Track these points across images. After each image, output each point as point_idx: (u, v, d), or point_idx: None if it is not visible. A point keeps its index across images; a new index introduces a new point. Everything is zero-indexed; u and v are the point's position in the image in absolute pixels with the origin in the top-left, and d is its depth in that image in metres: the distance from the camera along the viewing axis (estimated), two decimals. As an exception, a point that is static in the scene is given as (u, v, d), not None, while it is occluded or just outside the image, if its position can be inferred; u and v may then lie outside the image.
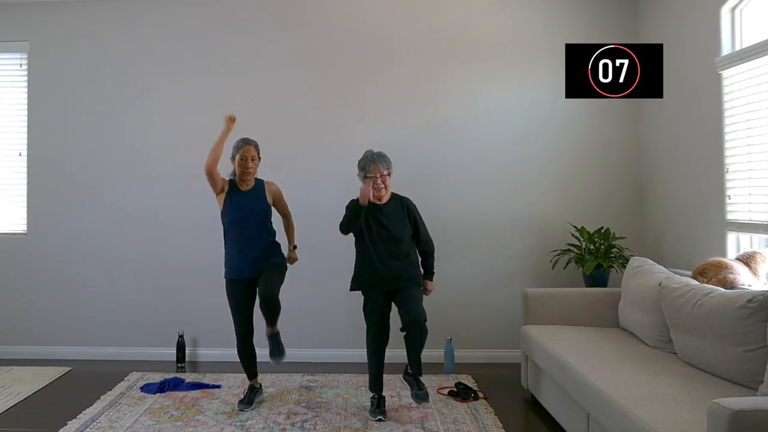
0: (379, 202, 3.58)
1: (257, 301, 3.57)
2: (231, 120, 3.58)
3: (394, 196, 3.65)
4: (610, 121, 4.71)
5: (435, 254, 3.72)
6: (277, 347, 3.55)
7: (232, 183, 3.64)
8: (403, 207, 3.62)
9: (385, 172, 3.55)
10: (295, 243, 3.82)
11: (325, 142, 4.73)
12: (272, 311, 3.50)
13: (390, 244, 3.52)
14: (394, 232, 3.53)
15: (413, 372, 3.50)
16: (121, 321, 4.76)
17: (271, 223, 3.68)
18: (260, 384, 3.79)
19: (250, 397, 3.67)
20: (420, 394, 3.45)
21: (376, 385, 3.55)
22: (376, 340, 3.52)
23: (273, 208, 3.71)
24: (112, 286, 4.78)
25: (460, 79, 4.73)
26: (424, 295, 3.62)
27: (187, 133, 4.77)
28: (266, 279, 3.52)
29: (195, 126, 4.76)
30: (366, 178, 3.55)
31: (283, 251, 3.71)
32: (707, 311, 2.74)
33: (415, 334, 3.39)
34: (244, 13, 4.80)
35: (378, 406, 3.51)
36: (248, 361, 3.69)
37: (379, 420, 3.43)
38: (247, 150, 3.58)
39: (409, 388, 3.56)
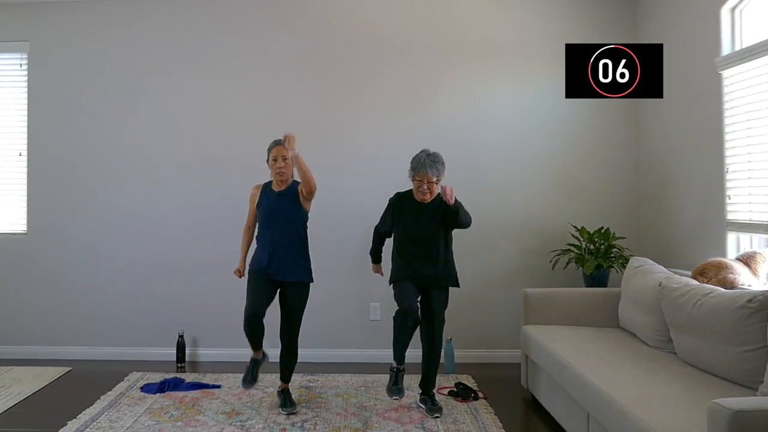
0: (422, 202, 3.58)
1: (272, 304, 3.58)
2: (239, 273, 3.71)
3: (438, 196, 3.57)
4: (610, 121, 4.71)
5: (465, 221, 3.52)
6: (288, 400, 3.60)
7: (267, 184, 3.66)
8: (442, 206, 3.56)
9: (434, 179, 3.49)
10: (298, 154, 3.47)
11: (325, 141, 4.73)
12: (291, 360, 3.62)
13: (425, 244, 3.53)
14: (429, 232, 3.54)
15: (427, 389, 3.60)
16: (121, 321, 4.76)
17: (305, 228, 3.63)
18: (264, 353, 3.62)
19: (254, 373, 3.55)
20: (434, 409, 3.53)
21: (399, 358, 3.47)
22: (409, 315, 3.37)
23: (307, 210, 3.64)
24: (112, 286, 4.78)
25: (460, 79, 4.73)
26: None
27: (187, 133, 4.78)
28: (290, 322, 3.56)
29: (195, 126, 4.77)
30: (414, 179, 3.53)
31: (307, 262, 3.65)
32: (707, 311, 2.74)
33: (434, 354, 3.59)
34: (244, 14, 4.80)
35: (395, 383, 3.44)
36: (254, 335, 3.48)
37: (395, 399, 3.47)
38: (278, 150, 3.57)
39: (422, 405, 3.60)
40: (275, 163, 3.57)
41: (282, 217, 3.56)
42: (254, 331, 3.46)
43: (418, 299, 3.53)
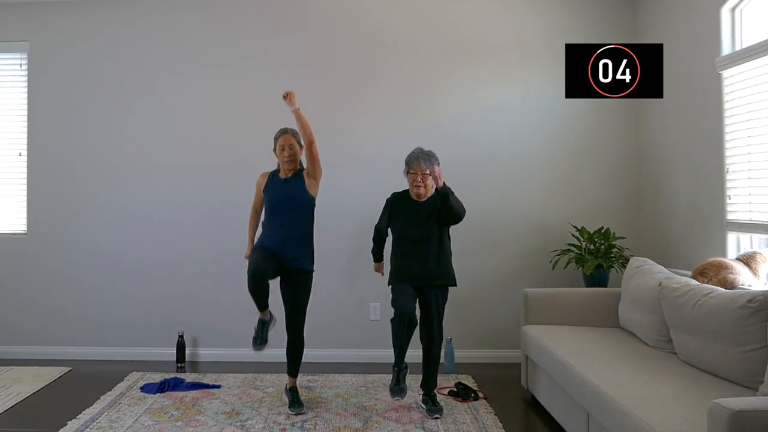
0: (419, 200, 3.58)
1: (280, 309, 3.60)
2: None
3: (434, 195, 3.56)
4: (610, 121, 4.71)
5: (458, 209, 3.47)
6: (296, 400, 3.60)
7: (274, 172, 3.68)
8: (437, 204, 3.53)
9: (427, 171, 3.51)
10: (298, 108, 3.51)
11: (326, 141, 4.67)
12: (298, 352, 3.62)
13: (420, 242, 3.51)
14: (425, 230, 3.52)
15: (428, 389, 3.59)
16: (121, 321, 4.76)
17: (312, 215, 3.62)
18: (271, 313, 3.58)
19: (263, 334, 3.53)
20: (434, 409, 3.52)
21: (399, 360, 3.47)
22: (403, 319, 3.37)
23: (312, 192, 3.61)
24: (112, 286, 4.77)
25: (460, 79, 4.73)
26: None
27: (187, 133, 4.78)
28: (295, 314, 3.56)
29: (195, 126, 4.77)
30: (408, 173, 3.57)
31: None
32: (707, 311, 2.74)
33: (433, 353, 3.57)
34: (245, 14, 4.80)
35: (398, 382, 3.44)
36: (260, 292, 3.44)
37: (397, 400, 3.51)
38: (285, 139, 3.61)
39: (423, 405, 3.59)
40: (282, 152, 3.60)
41: (288, 202, 3.57)
42: (259, 288, 3.41)
43: (416, 300, 3.52)
